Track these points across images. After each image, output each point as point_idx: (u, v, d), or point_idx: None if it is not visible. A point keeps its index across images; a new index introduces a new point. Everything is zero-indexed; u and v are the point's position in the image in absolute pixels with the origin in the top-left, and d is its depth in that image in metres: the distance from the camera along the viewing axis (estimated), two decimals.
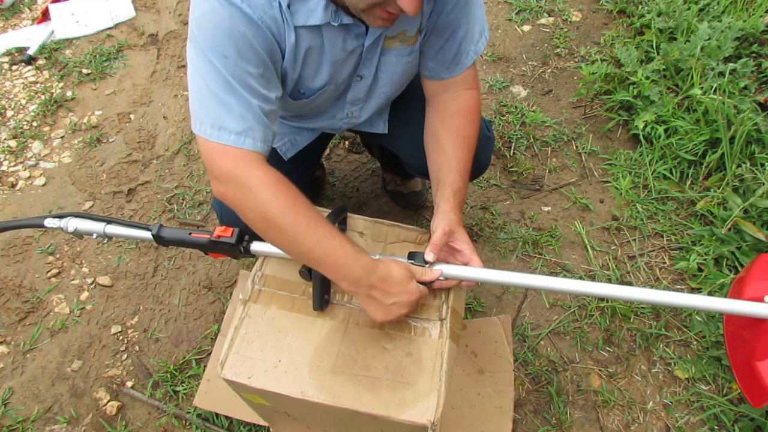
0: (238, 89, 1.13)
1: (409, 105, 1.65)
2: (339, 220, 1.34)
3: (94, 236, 1.38)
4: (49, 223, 1.39)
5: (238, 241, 1.29)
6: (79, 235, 1.40)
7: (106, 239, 1.40)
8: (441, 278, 1.26)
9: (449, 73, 1.44)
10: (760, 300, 1.17)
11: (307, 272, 1.27)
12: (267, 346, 1.22)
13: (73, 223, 1.38)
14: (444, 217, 1.30)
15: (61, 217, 1.40)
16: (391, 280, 1.18)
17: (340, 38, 1.27)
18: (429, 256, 1.25)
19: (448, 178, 1.37)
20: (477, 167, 1.57)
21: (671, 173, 2.39)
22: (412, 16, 1.11)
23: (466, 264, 1.28)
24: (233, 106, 1.13)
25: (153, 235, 1.34)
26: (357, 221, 1.43)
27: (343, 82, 1.42)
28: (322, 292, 1.25)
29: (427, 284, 1.25)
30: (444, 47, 1.39)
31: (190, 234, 1.34)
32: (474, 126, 1.45)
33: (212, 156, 1.15)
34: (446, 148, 1.41)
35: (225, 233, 1.30)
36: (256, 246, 1.32)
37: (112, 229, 1.38)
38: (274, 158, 1.69)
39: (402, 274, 1.20)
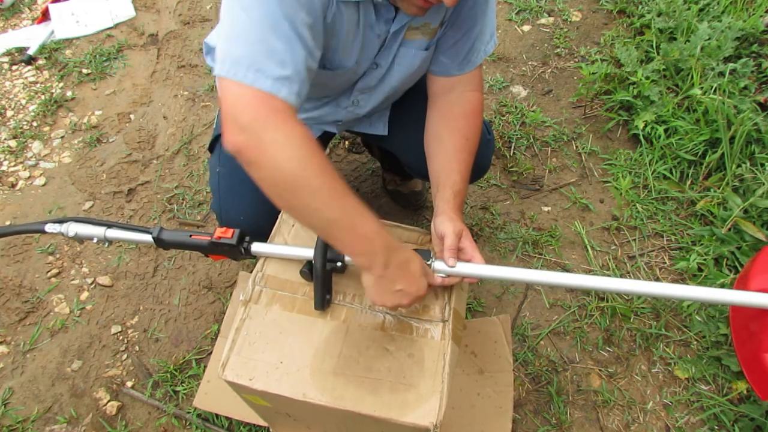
0: (288, 32, 1.03)
1: (409, 107, 1.65)
2: None
3: (95, 240, 1.38)
4: (50, 228, 1.39)
5: (239, 242, 1.29)
6: (79, 239, 1.39)
7: (107, 243, 1.39)
8: (443, 275, 1.26)
9: (459, 70, 1.44)
10: (767, 291, 1.16)
11: (309, 272, 1.27)
12: (268, 347, 1.22)
13: (73, 228, 1.38)
14: (447, 218, 1.30)
15: (61, 221, 1.40)
16: (407, 268, 1.15)
17: (373, 18, 1.26)
18: (451, 262, 1.24)
19: (449, 180, 1.37)
20: (477, 170, 1.57)
21: (671, 173, 2.39)
22: (450, 6, 1.10)
23: (469, 261, 1.28)
24: (278, 49, 1.02)
25: (153, 238, 1.34)
26: None
27: (362, 68, 1.41)
28: (324, 291, 1.25)
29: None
30: (459, 42, 1.39)
31: (190, 236, 1.34)
32: (476, 129, 1.45)
33: (240, 101, 1.02)
34: (448, 150, 1.41)
35: (225, 234, 1.29)
36: (256, 247, 1.32)
37: (113, 233, 1.37)
38: None
39: (418, 266, 1.18)
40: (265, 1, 1.01)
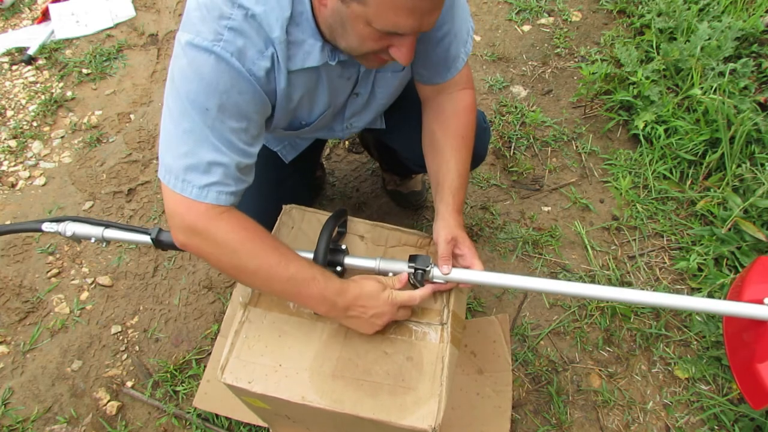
0: (214, 142, 1.10)
1: (405, 100, 1.65)
2: (339, 223, 1.34)
3: (93, 240, 1.38)
4: (47, 227, 1.38)
5: None
6: (77, 239, 1.39)
7: (105, 243, 1.39)
8: (441, 281, 1.26)
9: (442, 78, 1.43)
10: (760, 302, 1.17)
11: None
12: (267, 350, 1.22)
13: (71, 227, 1.37)
14: (444, 224, 1.31)
15: (59, 221, 1.39)
16: (364, 296, 1.20)
17: (338, 71, 1.28)
18: (445, 269, 1.26)
19: (447, 181, 1.37)
20: (475, 158, 1.56)
21: (671, 173, 2.39)
22: (405, 65, 1.14)
23: (467, 268, 1.29)
24: (202, 159, 1.10)
25: (152, 239, 1.34)
26: (358, 224, 1.43)
27: (341, 103, 1.43)
28: None
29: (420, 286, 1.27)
30: (433, 54, 1.38)
31: None
32: (471, 126, 1.45)
33: (175, 207, 1.13)
34: (444, 150, 1.41)
35: None
36: None
37: (111, 233, 1.37)
38: (275, 160, 1.69)
39: (373, 287, 1.21)
40: (190, 117, 1.09)
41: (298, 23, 1.12)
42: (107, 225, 1.38)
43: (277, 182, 1.67)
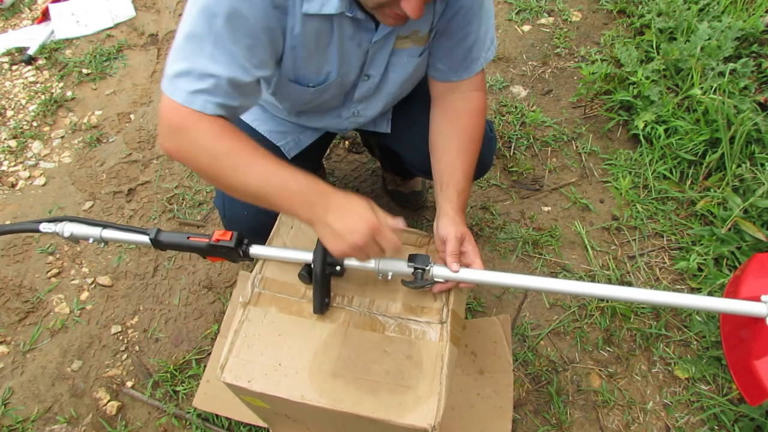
0: (212, 52, 1.11)
1: (412, 105, 1.65)
2: None
3: (91, 241, 1.37)
4: (44, 227, 1.37)
5: (237, 244, 1.28)
6: (74, 239, 1.39)
7: (103, 244, 1.39)
8: (441, 281, 1.26)
9: (458, 77, 1.44)
10: (757, 299, 1.17)
11: (307, 275, 1.26)
12: (267, 349, 1.22)
13: (68, 228, 1.36)
14: (450, 221, 1.30)
15: (56, 221, 1.38)
16: (348, 206, 1.14)
17: (351, 30, 1.26)
18: (455, 267, 1.24)
19: (453, 180, 1.37)
20: (480, 168, 1.57)
21: (671, 173, 2.39)
22: (415, 20, 1.11)
23: (468, 266, 1.28)
24: (196, 67, 1.11)
25: (150, 239, 1.33)
26: None
27: (350, 79, 1.42)
28: (323, 296, 1.25)
29: (423, 282, 1.25)
30: (454, 50, 1.39)
31: (188, 238, 1.33)
32: (480, 128, 1.45)
33: (164, 111, 1.14)
34: (451, 149, 1.41)
35: (224, 237, 1.28)
36: (255, 249, 1.31)
37: (109, 233, 1.36)
38: (277, 156, 1.68)
39: (362, 204, 1.14)
40: (196, 22, 1.10)
41: None
42: (105, 225, 1.37)
43: None
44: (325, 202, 1.13)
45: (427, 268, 1.24)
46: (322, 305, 1.26)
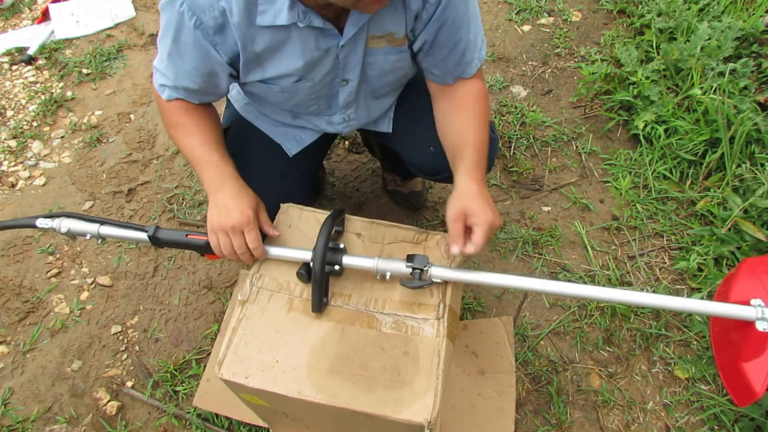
0: (168, 64, 1.34)
1: (414, 104, 1.65)
2: (337, 222, 1.34)
3: (88, 237, 1.37)
4: (41, 223, 1.37)
5: None
6: (71, 236, 1.38)
7: (101, 240, 1.39)
8: (437, 281, 1.26)
9: (455, 80, 1.45)
10: (747, 303, 1.19)
11: (305, 274, 1.27)
12: (265, 346, 1.22)
13: (65, 224, 1.36)
14: (454, 197, 1.29)
15: (53, 217, 1.38)
16: (239, 195, 1.31)
17: (312, 37, 1.27)
18: (455, 250, 1.24)
19: (462, 152, 1.37)
20: None
21: (671, 173, 2.39)
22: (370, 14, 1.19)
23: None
24: (160, 67, 1.37)
25: (149, 236, 1.33)
26: (355, 222, 1.43)
27: (322, 82, 1.42)
28: (321, 294, 1.25)
29: (421, 282, 1.25)
30: (447, 58, 1.40)
31: (186, 236, 1.34)
32: (485, 110, 1.45)
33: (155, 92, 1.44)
34: (461, 122, 1.42)
35: None
36: None
37: (107, 230, 1.36)
38: (280, 154, 1.69)
39: (251, 201, 1.32)
40: (161, 32, 1.30)
41: None
42: (103, 222, 1.37)
43: (281, 176, 1.67)
44: (223, 184, 1.33)
45: (426, 268, 1.24)
46: (321, 305, 1.25)
